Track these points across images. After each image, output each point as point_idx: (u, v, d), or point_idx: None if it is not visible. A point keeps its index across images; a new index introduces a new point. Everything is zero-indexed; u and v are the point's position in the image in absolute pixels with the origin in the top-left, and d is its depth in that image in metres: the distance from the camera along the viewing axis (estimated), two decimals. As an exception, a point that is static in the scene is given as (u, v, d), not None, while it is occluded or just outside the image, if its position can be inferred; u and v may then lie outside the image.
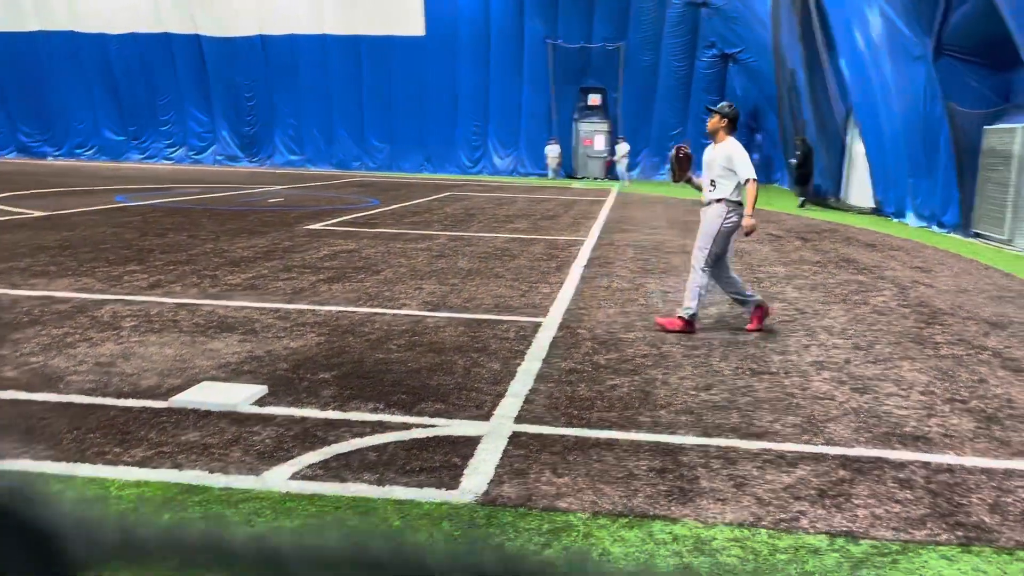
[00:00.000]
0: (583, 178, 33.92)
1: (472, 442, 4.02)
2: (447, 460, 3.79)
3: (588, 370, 5.38)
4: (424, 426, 4.23)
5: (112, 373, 4.96)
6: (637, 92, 33.10)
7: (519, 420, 4.36)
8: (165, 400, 4.48)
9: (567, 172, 34.21)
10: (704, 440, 4.14)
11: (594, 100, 34.14)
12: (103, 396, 4.54)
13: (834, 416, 4.60)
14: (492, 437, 4.09)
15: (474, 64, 33.68)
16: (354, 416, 4.35)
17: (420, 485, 3.49)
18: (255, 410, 4.38)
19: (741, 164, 6.44)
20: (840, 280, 9.47)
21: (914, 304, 8.13)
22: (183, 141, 36.69)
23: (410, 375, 5.13)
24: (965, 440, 4.29)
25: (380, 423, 4.25)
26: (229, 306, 7.00)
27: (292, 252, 10.27)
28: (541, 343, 6.05)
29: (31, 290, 7.41)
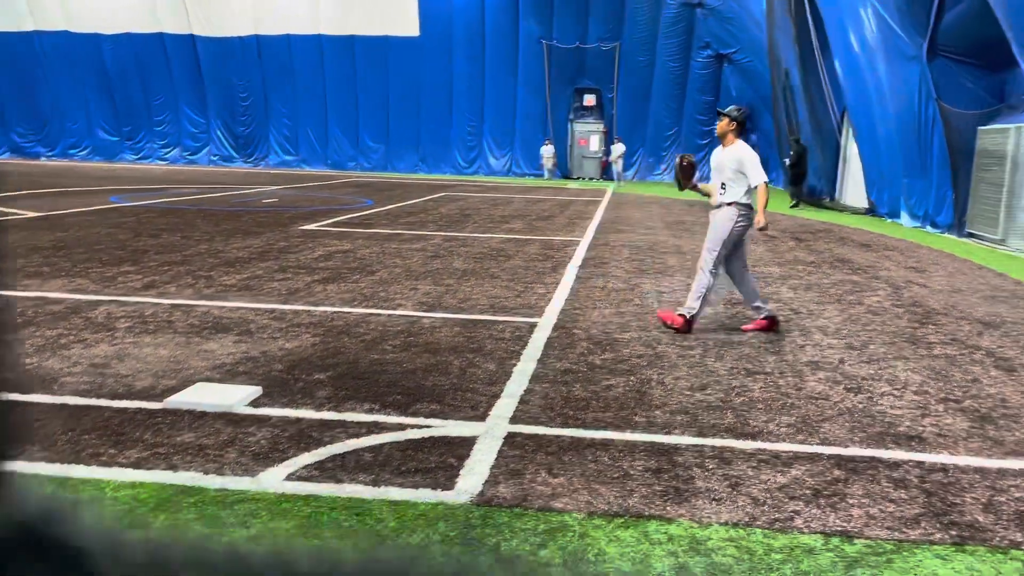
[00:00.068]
0: (578, 178, 33.97)
1: (468, 443, 4.02)
2: (442, 461, 3.78)
3: (583, 370, 5.38)
4: (419, 427, 4.23)
5: (107, 374, 4.95)
6: (632, 92, 33.17)
7: (515, 420, 4.36)
8: (160, 401, 4.47)
9: (562, 172, 34.25)
10: (699, 440, 4.15)
11: (589, 100, 34.19)
12: (97, 397, 4.53)
13: (829, 416, 4.61)
14: (487, 438, 4.09)
15: (469, 64, 33.70)
16: (349, 417, 4.34)
17: (415, 486, 3.49)
18: (250, 411, 4.37)
19: (752, 168, 6.43)
20: (834, 280, 9.49)
21: (908, 304, 8.15)
22: (177, 141, 36.65)
23: (405, 376, 5.13)
24: (959, 440, 4.31)
25: (375, 424, 4.25)
26: (224, 307, 6.99)
27: (287, 253, 10.26)
28: (536, 343, 6.05)
29: (25, 291, 7.39)
